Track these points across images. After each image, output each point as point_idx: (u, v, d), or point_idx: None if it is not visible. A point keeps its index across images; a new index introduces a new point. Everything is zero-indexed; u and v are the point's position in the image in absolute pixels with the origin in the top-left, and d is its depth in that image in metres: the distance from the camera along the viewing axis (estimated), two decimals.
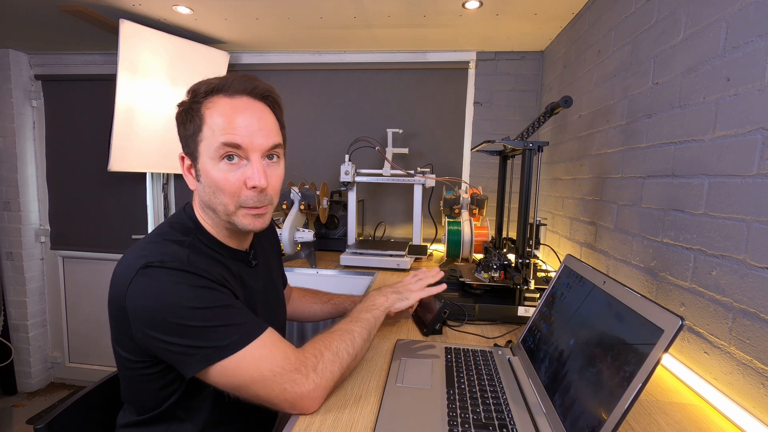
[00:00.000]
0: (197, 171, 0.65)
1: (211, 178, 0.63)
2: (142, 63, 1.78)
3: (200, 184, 0.66)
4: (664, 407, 0.70)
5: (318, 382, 0.61)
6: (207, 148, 0.63)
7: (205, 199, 0.67)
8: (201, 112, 0.63)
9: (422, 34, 1.86)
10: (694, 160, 0.82)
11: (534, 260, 1.07)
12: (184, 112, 0.65)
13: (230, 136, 0.62)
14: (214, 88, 0.63)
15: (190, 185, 0.68)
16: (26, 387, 2.43)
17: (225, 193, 0.64)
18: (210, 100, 0.63)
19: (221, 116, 0.62)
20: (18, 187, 2.34)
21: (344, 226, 1.93)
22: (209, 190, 0.64)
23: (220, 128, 0.62)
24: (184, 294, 0.57)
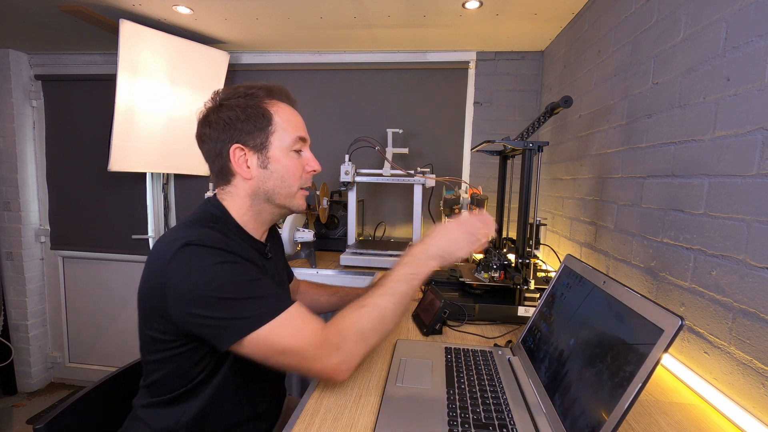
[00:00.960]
0: (265, 159, 0.73)
1: (283, 165, 0.74)
2: (142, 63, 1.78)
3: (266, 171, 0.74)
4: (664, 407, 0.70)
5: (342, 359, 0.64)
6: (280, 139, 0.74)
7: (266, 186, 0.74)
8: (265, 108, 0.73)
9: (422, 34, 1.86)
10: (694, 160, 0.82)
11: (534, 260, 1.07)
12: (248, 109, 0.72)
13: (300, 131, 0.76)
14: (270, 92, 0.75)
15: (244, 175, 0.73)
16: (26, 387, 2.43)
17: (294, 177, 0.76)
18: (271, 102, 0.74)
19: (291, 115, 0.76)
20: (18, 187, 2.34)
21: (344, 226, 1.93)
22: (277, 176, 0.74)
23: (292, 124, 0.75)
24: (221, 269, 0.62)
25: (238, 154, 0.72)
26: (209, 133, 0.73)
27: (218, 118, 0.72)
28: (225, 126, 0.72)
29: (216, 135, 0.73)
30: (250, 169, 0.73)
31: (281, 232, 1.58)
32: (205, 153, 0.76)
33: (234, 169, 0.73)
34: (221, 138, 0.72)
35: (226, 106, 0.72)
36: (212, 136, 0.73)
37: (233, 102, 0.72)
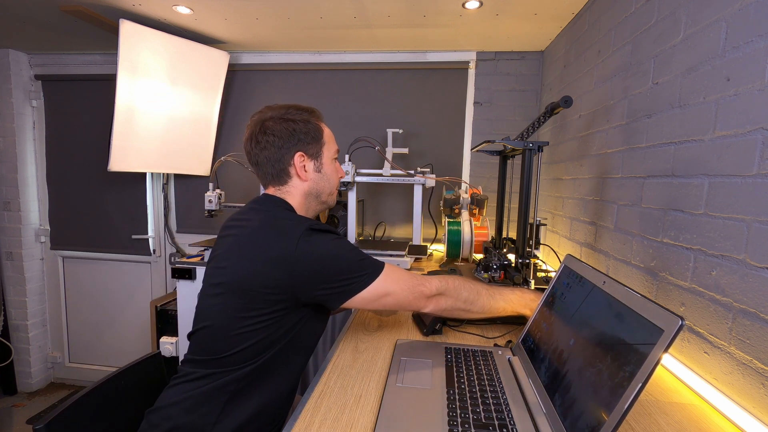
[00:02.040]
0: (319, 164, 0.89)
1: (331, 170, 0.92)
2: (142, 63, 1.78)
3: (320, 174, 0.89)
4: (664, 407, 0.70)
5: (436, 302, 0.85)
6: (329, 151, 0.91)
7: (318, 186, 0.90)
8: (318, 125, 0.89)
9: (422, 34, 1.86)
10: (694, 160, 0.82)
11: (534, 260, 1.07)
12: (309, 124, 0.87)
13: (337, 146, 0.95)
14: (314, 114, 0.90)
15: (302, 177, 0.87)
16: (26, 387, 2.43)
17: (335, 179, 0.93)
18: (317, 119, 0.90)
19: (330, 133, 0.93)
20: (18, 187, 2.34)
21: (344, 226, 1.93)
22: (326, 178, 0.91)
23: (333, 140, 0.93)
24: (342, 243, 0.78)
25: (300, 160, 0.86)
26: (272, 141, 0.84)
27: (283, 129, 0.84)
28: (290, 135, 0.85)
29: (280, 143, 0.84)
30: (307, 173, 0.87)
31: None
32: (264, 158, 0.85)
33: (294, 171, 0.86)
34: (285, 145, 0.85)
35: (290, 120, 0.85)
36: (275, 143, 0.84)
37: (294, 116, 0.86)
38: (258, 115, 0.87)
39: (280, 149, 0.85)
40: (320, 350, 1.65)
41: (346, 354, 0.85)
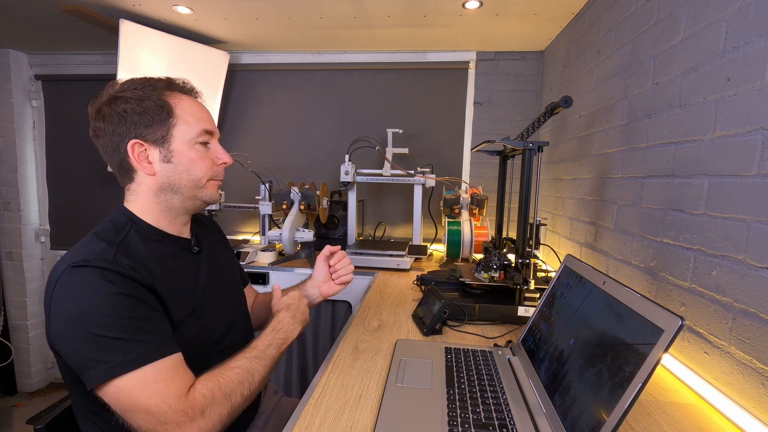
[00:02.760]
0: (168, 152, 0.70)
1: (188, 158, 0.71)
2: (142, 63, 1.78)
3: (170, 165, 0.70)
4: (664, 407, 0.70)
5: (202, 427, 0.58)
6: (183, 132, 0.70)
7: (172, 180, 0.71)
8: (164, 101, 0.69)
9: (422, 34, 1.86)
10: (694, 160, 0.82)
11: (534, 260, 1.07)
12: (140, 101, 0.68)
13: (205, 123, 0.73)
14: (168, 85, 0.72)
15: (146, 170, 0.69)
16: (26, 387, 2.43)
17: (201, 169, 0.73)
18: (170, 94, 0.71)
19: (193, 107, 0.73)
20: (18, 187, 2.34)
21: (344, 226, 1.93)
22: (182, 169, 0.71)
23: (195, 116, 0.72)
24: (98, 301, 0.57)
25: (138, 149, 0.68)
26: (103, 127, 0.68)
27: (112, 111, 0.68)
28: (120, 119, 0.67)
29: (111, 129, 0.68)
30: (152, 164, 0.69)
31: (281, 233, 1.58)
32: (101, 149, 0.71)
33: (134, 165, 0.69)
34: (117, 132, 0.68)
35: (121, 99, 0.68)
36: (107, 131, 0.68)
37: (129, 94, 0.68)
38: (98, 97, 0.71)
39: (112, 137, 0.68)
40: (320, 350, 1.65)
41: (346, 354, 0.85)
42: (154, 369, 0.57)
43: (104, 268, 0.59)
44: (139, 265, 0.64)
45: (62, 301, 0.58)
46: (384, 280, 1.45)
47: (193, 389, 0.60)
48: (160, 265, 0.68)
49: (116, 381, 0.55)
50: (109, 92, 0.70)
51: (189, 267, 0.75)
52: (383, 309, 1.14)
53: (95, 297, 0.57)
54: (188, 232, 0.79)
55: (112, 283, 0.58)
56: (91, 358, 0.56)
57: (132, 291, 0.60)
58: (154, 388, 0.57)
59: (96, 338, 0.56)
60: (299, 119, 2.23)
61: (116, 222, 0.70)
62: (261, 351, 0.71)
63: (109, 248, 0.62)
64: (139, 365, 0.56)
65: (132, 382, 0.56)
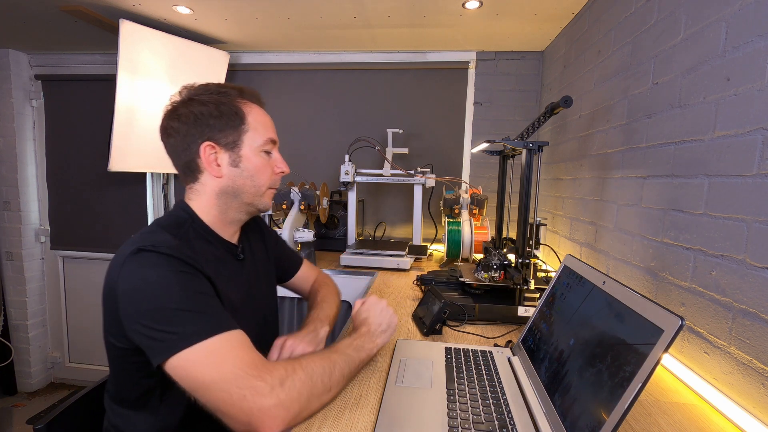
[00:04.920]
0: (237, 157, 0.72)
1: (254, 164, 0.74)
2: (142, 63, 1.78)
3: (237, 169, 0.73)
4: (664, 407, 0.70)
5: (282, 399, 0.55)
6: (253, 139, 0.73)
7: (236, 184, 0.73)
8: (239, 107, 0.72)
9: (422, 34, 1.86)
10: (694, 160, 0.82)
11: (534, 260, 1.07)
12: (217, 105, 0.71)
13: (272, 133, 0.77)
14: (241, 92, 0.75)
15: (214, 172, 0.71)
16: (26, 387, 2.43)
17: (263, 176, 0.75)
18: (243, 101, 0.74)
19: (262, 116, 0.76)
20: (18, 187, 2.34)
21: (344, 226, 1.93)
22: (247, 174, 0.73)
23: (263, 125, 0.75)
24: (166, 276, 0.59)
25: (209, 151, 0.71)
26: (177, 127, 0.70)
27: (188, 112, 0.70)
28: (195, 121, 0.70)
29: (185, 129, 0.70)
30: (220, 167, 0.72)
31: (281, 232, 1.58)
32: (170, 147, 0.73)
33: (203, 166, 0.71)
34: (191, 133, 0.70)
35: (197, 101, 0.70)
36: (180, 130, 0.70)
37: (205, 97, 0.71)
38: (173, 97, 0.73)
39: (185, 137, 0.70)
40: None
41: None
42: (225, 339, 0.57)
43: (169, 254, 0.61)
44: (198, 256, 0.66)
45: (129, 282, 0.59)
46: (384, 280, 1.45)
47: (271, 361, 0.60)
48: (210, 265, 0.69)
49: (187, 352, 0.55)
50: (185, 94, 0.72)
51: (232, 273, 0.77)
52: None
53: (163, 274, 0.59)
54: (237, 238, 0.81)
55: (179, 264, 0.61)
56: (161, 331, 0.56)
57: (194, 272, 0.63)
58: (228, 355, 0.56)
59: (165, 312, 0.57)
60: (299, 119, 2.23)
61: (178, 217, 0.72)
62: (339, 347, 0.70)
63: (172, 239, 0.65)
64: (209, 335, 0.56)
65: (203, 352, 0.55)
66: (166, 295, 0.58)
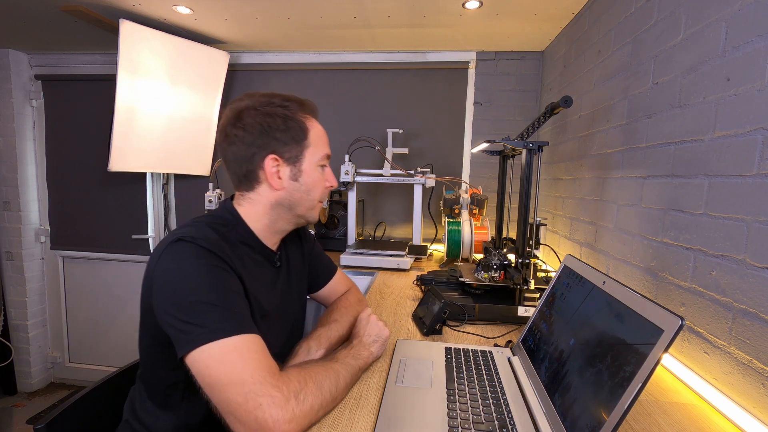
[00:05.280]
0: (297, 171, 0.74)
1: (313, 179, 0.75)
2: (142, 63, 1.78)
3: (297, 183, 0.74)
4: (664, 407, 0.70)
5: (296, 414, 0.54)
6: (313, 154, 0.75)
7: (294, 197, 0.74)
8: (303, 122, 0.74)
9: (422, 34, 1.86)
10: (694, 160, 0.82)
11: (534, 260, 1.07)
12: (288, 120, 0.72)
13: (328, 149, 0.78)
14: (303, 106, 0.76)
15: (275, 185, 0.72)
16: (26, 387, 2.43)
17: (318, 190, 0.77)
18: (306, 116, 0.75)
19: (321, 131, 0.77)
20: (18, 187, 2.34)
21: (344, 226, 1.93)
22: (305, 188, 0.75)
23: (323, 141, 0.77)
24: (200, 269, 0.60)
25: (272, 164, 0.71)
26: (242, 136, 0.70)
27: (256, 123, 0.70)
28: (263, 132, 0.70)
29: (251, 139, 0.70)
30: (281, 180, 0.73)
31: None
32: (231, 154, 0.72)
33: (263, 177, 0.72)
34: (256, 143, 0.70)
35: (264, 112, 0.71)
36: (245, 140, 0.70)
37: (272, 109, 0.72)
38: (236, 103, 0.73)
39: (249, 147, 0.70)
40: None
41: None
42: (247, 341, 0.57)
43: (206, 248, 0.62)
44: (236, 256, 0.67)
45: (165, 270, 0.61)
46: (384, 280, 1.45)
47: (285, 371, 0.59)
48: (246, 268, 0.69)
49: (209, 347, 0.55)
50: (250, 102, 0.72)
51: (267, 279, 0.77)
52: (383, 309, 1.14)
53: (197, 266, 0.60)
54: (277, 246, 0.81)
55: (215, 259, 0.62)
56: (188, 322, 0.56)
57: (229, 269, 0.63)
58: (248, 358, 0.56)
59: (194, 304, 0.57)
60: None
61: (224, 218, 0.73)
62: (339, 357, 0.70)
63: (213, 234, 0.66)
64: (233, 334, 0.56)
65: (226, 350, 0.55)
66: (198, 287, 0.59)
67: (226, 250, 0.65)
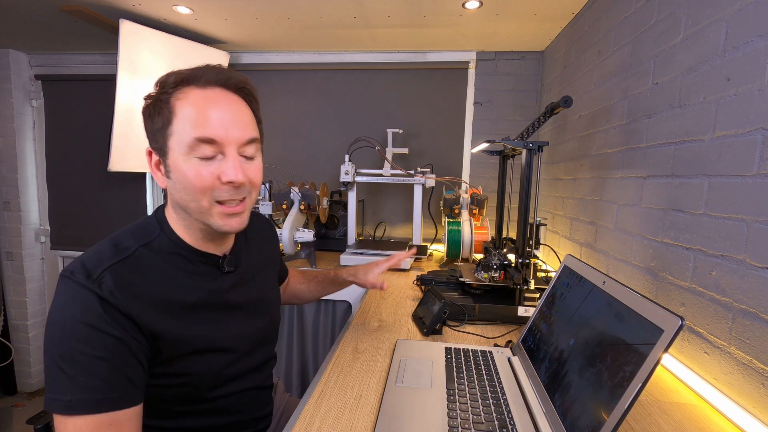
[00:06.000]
0: (167, 167, 0.60)
1: (183, 174, 0.58)
2: (142, 63, 1.78)
3: (170, 181, 0.60)
4: (664, 407, 0.70)
5: None
6: (178, 143, 0.58)
7: (176, 198, 0.61)
8: (170, 103, 0.58)
9: (422, 34, 1.86)
10: (694, 160, 0.82)
11: (534, 260, 1.07)
12: (151, 104, 0.60)
13: (204, 129, 0.57)
14: (185, 79, 0.59)
15: (160, 183, 0.62)
16: (26, 387, 2.43)
17: (198, 190, 0.59)
18: (180, 90, 0.59)
19: (193, 108, 0.58)
20: (18, 187, 2.34)
21: (344, 226, 1.93)
22: (180, 187, 0.59)
23: (193, 122, 0.57)
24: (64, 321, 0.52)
25: (152, 159, 0.62)
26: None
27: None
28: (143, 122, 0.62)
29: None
30: (163, 179, 0.61)
31: (281, 233, 1.58)
32: None
33: (153, 175, 0.63)
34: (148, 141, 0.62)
35: (145, 99, 0.61)
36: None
37: (148, 94, 0.61)
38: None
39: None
40: (320, 350, 1.65)
41: (346, 354, 0.85)
42: (78, 423, 0.50)
43: (83, 285, 0.53)
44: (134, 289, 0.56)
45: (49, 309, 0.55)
46: (384, 279, 1.45)
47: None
48: (176, 284, 0.61)
49: (56, 417, 0.51)
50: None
51: (216, 288, 0.67)
52: (383, 309, 1.14)
53: (64, 319, 0.52)
54: (226, 248, 0.70)
55: (85, 307, 0.53)
56: (47, 376, 0.52)
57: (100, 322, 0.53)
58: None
59: (50, 360, 0.52)
60: (299, 119, 2.23)
61: (146, 228, 0.64)
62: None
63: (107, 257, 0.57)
64: (66, 411, 0.50)
65: (59, 426, 0.51)
66: (58, 344, 0.51)
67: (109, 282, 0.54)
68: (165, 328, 0.58)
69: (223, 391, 0.67)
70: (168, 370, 0.60)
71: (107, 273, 0.55)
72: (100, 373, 0.52)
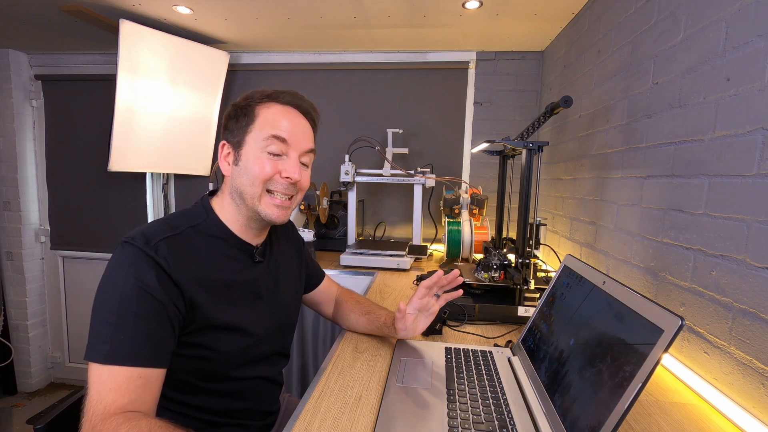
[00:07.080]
0: (238, 156, 0.73)
1: (251, 163, 0.71)
2: (142, 63, 1.78)
3: (237, 168, 0.72)
4: (664, 407, 0.70)
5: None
6: (255, 138, 0.72)
7: (237, 183, 0.73)
8: (255, 109, 0.73)
9: (422, 34, 1.86)
10: (694, 160, 0.82)
11: (534, 260, 1.07)
12: (238, 109, 0.74)
13: (279, 130, 0.72)
14: (269, 96, 0.75)
15: (224, 171, 0.75)
16: (26, 387, 2.43)
17: (258, 177, 0.71)
18: (265, 103, 0.74)
19: (273, 115, 0.73)
20: (18, 187, 2.34)
21: (344, 226, 1.93)
22: (244, 172, 0.72)
23: (272, 123, 0.72)
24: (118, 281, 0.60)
25: (224, 150, 0.75)
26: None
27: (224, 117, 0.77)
28: (223, 125, 0.76)
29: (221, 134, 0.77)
30: (229, 166, 0.74)
31: None
32: None
33: (220, 164, 0.76)
34: (222, 134, 0.77)
35: (231, 106, 0.76)
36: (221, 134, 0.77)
37: (239, 102, 0.76)
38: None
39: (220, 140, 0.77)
40: (320, 350, 1.65)
41: (346, 354, 0.85)
42: (113, 372, 0.56)
43: (141, 249, 0.62)
44: (182, 260, 0.65)
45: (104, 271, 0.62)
46: (384, 280, 1.45)
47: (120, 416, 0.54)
48: (216, 263, 0.70)
49: (89, 363, 0.57)
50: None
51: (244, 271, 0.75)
52: None
53: (118, 278, 0.60)
54: (260, 240, 0.79)
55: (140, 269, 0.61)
56: (90, 330, 0.59)
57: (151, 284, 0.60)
58: (100, 389, 0.55)
59: (96, 314, 0.60)
60: None
61: (193, 212, 0.74)
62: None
63: (165, 231, 0.66)
64: (105, 360, 0.56)
65: (95, 372, 0.56)
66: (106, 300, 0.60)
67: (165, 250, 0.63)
68: (202, 300, 0.66)
69: (241, 372, 0.73)
70: (197, 340, 0.67)
71: (163, 242, 0.64)
72: (141, 331, 0.59)
